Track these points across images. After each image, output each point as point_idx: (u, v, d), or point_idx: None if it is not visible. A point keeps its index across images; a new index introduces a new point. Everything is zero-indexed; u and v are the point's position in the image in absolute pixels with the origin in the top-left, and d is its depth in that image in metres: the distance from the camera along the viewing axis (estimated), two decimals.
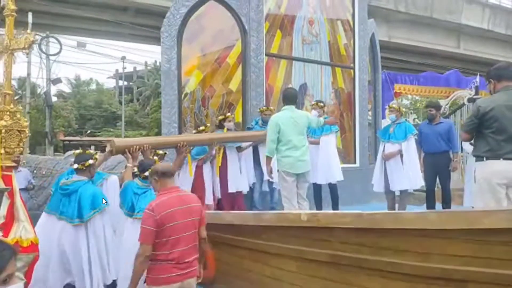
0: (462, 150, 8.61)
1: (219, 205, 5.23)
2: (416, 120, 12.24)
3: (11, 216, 2.64)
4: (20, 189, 5.29)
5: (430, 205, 5.70)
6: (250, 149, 5.45)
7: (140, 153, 4.32)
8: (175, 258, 2.69)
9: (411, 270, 2.38)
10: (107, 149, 4.31)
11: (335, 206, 5.72)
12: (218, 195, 5.22)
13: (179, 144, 4.63)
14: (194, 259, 2.84)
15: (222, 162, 5.28)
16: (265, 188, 5.61)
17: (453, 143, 5.67)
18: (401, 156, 5.47)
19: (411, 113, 13.98)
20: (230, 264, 3.73)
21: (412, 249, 2.38)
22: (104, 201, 3.61)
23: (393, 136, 5.52)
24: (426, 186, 5.69)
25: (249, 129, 5.72)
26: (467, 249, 2.17)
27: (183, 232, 2.74)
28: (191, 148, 4.93)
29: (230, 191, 5.19)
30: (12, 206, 2.64)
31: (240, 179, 5.26)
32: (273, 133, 4.49)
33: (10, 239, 2.57)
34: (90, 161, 3.68)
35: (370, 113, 8.01)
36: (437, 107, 5.83)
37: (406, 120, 6.13)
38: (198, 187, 4.92)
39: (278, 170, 4.65)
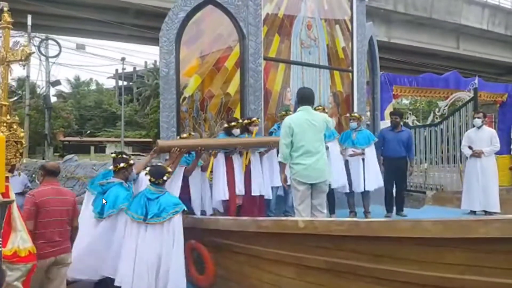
0: (461, 154, 8.64)
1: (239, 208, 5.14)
2: (415, 121, 12.22)
3: (8, 226, 2.65)
4: (17, 194, 5.34)
5: (389, 206, 6.05)
6: (270, 153, 5.40)
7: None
8: (47, 237, 3.31)
9: (407, 278, 2.40)
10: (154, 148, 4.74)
11: (331, 209, 5.78)
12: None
13: (199, 148, 4.74)
14: (65, 240, 3.47)
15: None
16: (280, 192, 5.57)
17: (411, 150, 6.15)
18: (363, 160, 5.83)
19: (410, 114, 13.95)
20: (230, 269, 3.75)
21: (408, 257, 2.40)
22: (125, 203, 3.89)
23: (357, 142, 5.87)
24: (385, 189, 6.02)
25: (271, 133, 5.70)
26: (462, 257, 2.19)
27: (56, 216, 3.38)
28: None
29: (253, 194, 5.12)
30: (9, 216, 2.66)
31: (263, 183, 5.19)
32: (286, 136, 4.10)
33: (8, 249, 2.59)
34: (122, 164, 4.05)
35: (368, 114, 8.04)
36: (400, 115, 6.33)
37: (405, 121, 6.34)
38: (229, 178, 4.98)
39: (290, 178, 4.28)
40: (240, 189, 5.01)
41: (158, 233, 3.58)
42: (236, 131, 5.18)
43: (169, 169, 3.86)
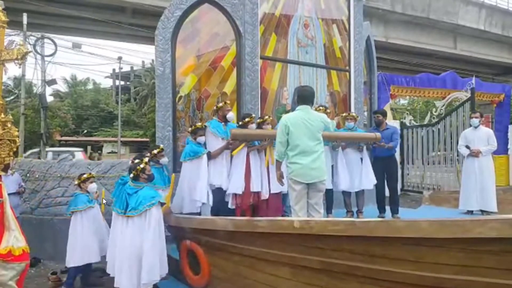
0: (458, 154, 8.65)
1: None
2: (412, 121, 12.23)
3: (2, 226, 2.63)
4: (12, 194, 5.32)
5: (382, 206, 6.08)
6: None
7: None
8: None
9: (403, 278, 2.37)
10: None
11: (328, 209, 5.77)
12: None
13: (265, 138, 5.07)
14: None
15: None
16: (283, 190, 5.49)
17: (395, 141, 6.07)
18: (361, 159, 5.91)
19: (407, 114, 13.97)
20: (225, 270, 3.72)
21: (404, 257, 2.37)
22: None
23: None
24: (376, 190, 6.03)
25: None
26: (459, 257, 2.17)
27: None
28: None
29: (272, 192, 5.16)
30: (2, 215, 2.63)
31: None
32: (282, 135, 4.09)
33: (3, 248, 2.57)
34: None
35: (365, 114, 8.03)
36: (384, 113, 6.29)
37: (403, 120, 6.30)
38: (246, 174, 5.07)
39: (287, 177, 4.27)
40: (256, 186, 5.04)
41: (137, 225, 3.85)
42: (252, 127, 5.20)
43: (142, 166, 4.05)
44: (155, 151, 4.94)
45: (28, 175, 5.90)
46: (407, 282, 2.35)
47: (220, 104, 5.16)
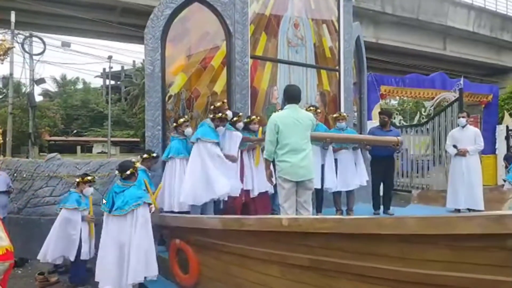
0: (446, 153, 8.74)
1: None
2: (402, 122, 12.33)
3: None
4: (2, 192, 5.27)
5: (377, 204, 6.16)
6: None
7: None
8: None
9: (391, 275, 2.38)
10: None
11: (318, 208, 5.79)
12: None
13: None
14: None
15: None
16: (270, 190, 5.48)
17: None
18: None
19: (397, 114, 14.08)
20: (214, 268, 3.71)
21: (392, 254, 2.38)
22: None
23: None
24: (373, 188, 6.11)
25: (264, 133, 5.73)
26: (446, 254, 2.18)
27: None
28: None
29: (260, 190, 5.21)
30: None
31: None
32: (271, 133, 4.08)
33: None
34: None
35: (356, 114, 8.06)
36: (389, 115, 6.40)
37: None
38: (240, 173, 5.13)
39: (276, 175, 4.27)
40: (248, 184, 5.08)
41: (122, 224, 3.87)
42: (240, 125, 5.22)
43: (137, 164, 4.16)
44: (181, 120, 5.07)
45: (15, 174, 5.83)
46: (396, 279, 2.36)
47: (218, 104, 5.13)
